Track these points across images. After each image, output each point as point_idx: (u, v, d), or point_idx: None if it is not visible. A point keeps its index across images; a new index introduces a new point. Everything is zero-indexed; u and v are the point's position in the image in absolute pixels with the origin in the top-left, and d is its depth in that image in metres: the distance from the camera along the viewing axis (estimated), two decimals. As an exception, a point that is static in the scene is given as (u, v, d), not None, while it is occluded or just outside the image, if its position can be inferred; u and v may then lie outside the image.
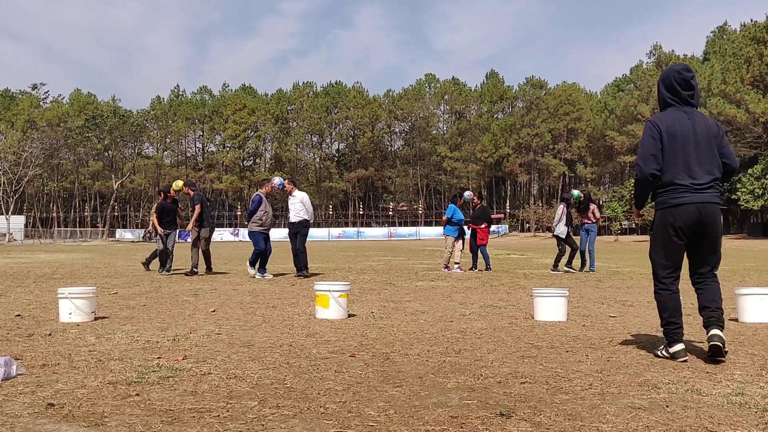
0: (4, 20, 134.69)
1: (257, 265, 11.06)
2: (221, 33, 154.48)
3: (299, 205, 11.01)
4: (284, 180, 11.50)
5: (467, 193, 13.90)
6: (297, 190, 11.19)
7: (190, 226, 11.83)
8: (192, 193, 12.00)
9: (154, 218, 12.20)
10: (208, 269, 12.11)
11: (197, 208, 11.70)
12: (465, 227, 13.08)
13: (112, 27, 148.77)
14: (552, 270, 12.47)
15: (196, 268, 11.64)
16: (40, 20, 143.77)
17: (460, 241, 12.94)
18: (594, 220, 12.72)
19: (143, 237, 52.59)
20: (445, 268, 12.77)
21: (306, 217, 11.00)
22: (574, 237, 12.94)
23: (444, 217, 12.95)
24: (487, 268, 13.01)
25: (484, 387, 3.29)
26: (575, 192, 13.29)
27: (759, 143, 46.41)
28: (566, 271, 12.23)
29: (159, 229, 11.93)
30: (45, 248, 34.16)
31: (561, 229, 12.54)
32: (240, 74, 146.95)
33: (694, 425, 2.64)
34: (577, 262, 13.02)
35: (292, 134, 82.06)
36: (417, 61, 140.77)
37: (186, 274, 11.50)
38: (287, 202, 11.41)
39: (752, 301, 5.54)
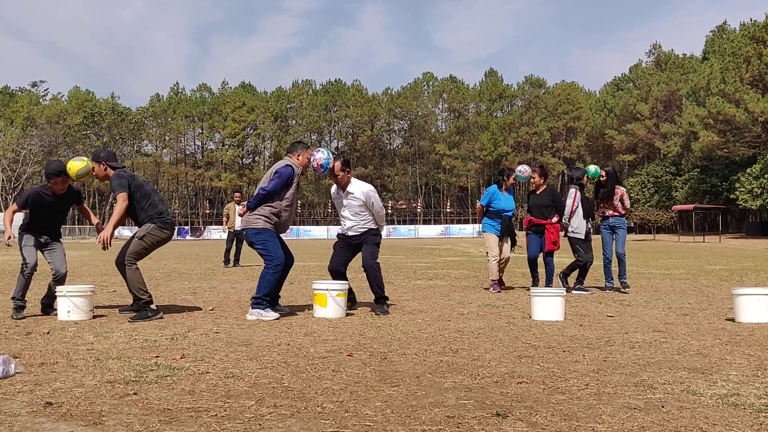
0: (7, 18, 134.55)
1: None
2: (223, 31, 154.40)
3: (359, 208, 6.33)
4: (331, 157, 6.33)
5: (521, 168, 8.62)
6: (356, 180, 6.52)
7: (109, 232, 5.75)
8: (111, 172, 5.96)
9: (7, 214, 6.25)
10: (145, 308, 5.76)
11: (120, 198, 5.75)
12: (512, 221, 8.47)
13: (115, 25, 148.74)
14: (574, 289, 8.09)
15: (151, 301, 5.80)
16: (44, 18, 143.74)
17: (507, 244, 8.35)
18: (623, 212, 8.52)
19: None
20: (492, 287, 8.28)
21: (374, 226, 6.44)
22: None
23: (478, 205, 8.44)
24: (548, 284, 8.27)
25: (480, 387, 3.31)
26: (591, 168, 8.56)
27: (758, 143, 46.46)
28: (571, 288, 8.14)
29: (8, 229, 6.24)
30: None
31: (577, 224, 8.16)
32: (241, 72, 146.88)
33: (690, 426, 2.65)
34: (584, 270, 8.30)
35: (292, 132, 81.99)
36: (418, 60, 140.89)
37: (149, 317, 5.76)
38: (331, 198, 6.92)
39: (749, 301, 5.55)
